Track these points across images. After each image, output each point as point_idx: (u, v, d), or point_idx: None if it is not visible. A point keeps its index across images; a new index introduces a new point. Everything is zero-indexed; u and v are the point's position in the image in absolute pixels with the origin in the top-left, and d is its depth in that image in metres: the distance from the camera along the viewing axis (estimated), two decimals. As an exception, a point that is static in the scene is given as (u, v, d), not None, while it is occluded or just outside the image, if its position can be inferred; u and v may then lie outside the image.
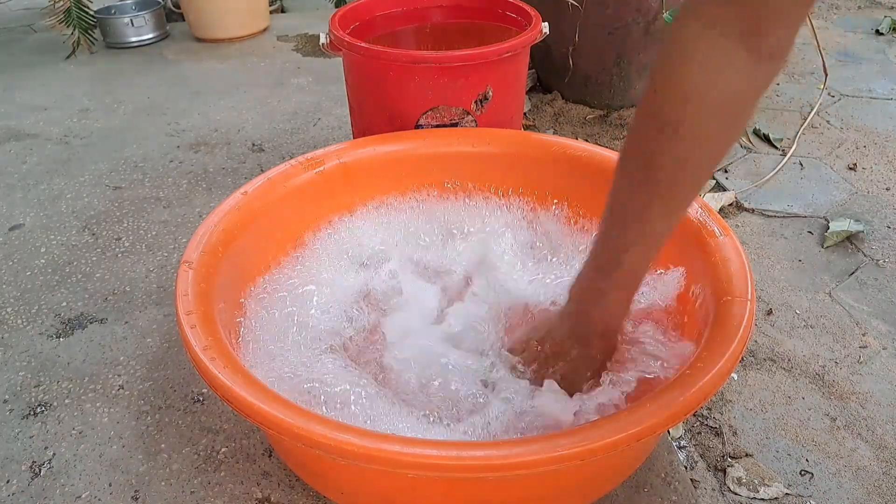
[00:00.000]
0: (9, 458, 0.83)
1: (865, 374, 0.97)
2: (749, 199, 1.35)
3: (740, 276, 0.74)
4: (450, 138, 1.05)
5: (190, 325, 0.69)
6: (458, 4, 1.29)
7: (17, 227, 1.26)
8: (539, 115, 1.68)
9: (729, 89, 0.55)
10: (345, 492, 0.73)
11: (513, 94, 1.18)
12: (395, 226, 1.01)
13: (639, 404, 0.61)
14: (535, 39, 1.13)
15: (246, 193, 0.90)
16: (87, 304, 1.07)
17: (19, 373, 0.95)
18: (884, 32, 2.12)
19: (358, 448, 0.57)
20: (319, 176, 0.97)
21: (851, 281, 1.14)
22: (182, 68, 1.97)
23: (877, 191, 1.37)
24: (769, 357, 1.00)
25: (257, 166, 1.44)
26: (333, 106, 1.70)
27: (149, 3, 2.16)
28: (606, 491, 0.76)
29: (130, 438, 0.85)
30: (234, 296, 0.83)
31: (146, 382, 0.92)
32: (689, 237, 0.85)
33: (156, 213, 1.29)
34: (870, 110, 1.67)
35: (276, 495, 0.77)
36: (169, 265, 1.15)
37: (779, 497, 0.80)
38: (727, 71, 0.54)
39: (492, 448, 0.59)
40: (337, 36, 1.12)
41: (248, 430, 0.85)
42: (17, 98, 1.79)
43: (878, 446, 0.87)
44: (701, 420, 0.90)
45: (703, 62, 0.55)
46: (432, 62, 1.06)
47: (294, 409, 0.61)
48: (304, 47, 2.09)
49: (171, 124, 1.63)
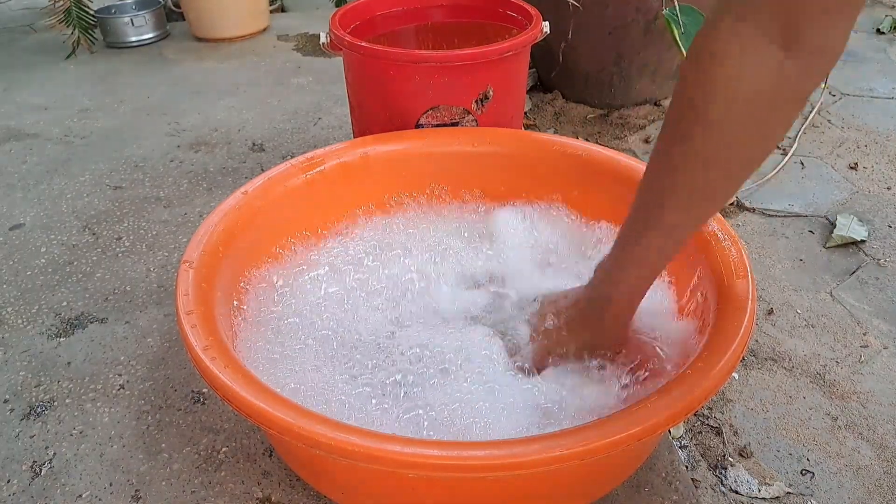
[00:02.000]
0: (9, 457, 0.83)
1: (866, 374, 0.97)
2: (750, 199, 1.35)
3: (741, 275, 0.74)
4: (450, 138, 1.05)
5: (190, 325, 0.69)
6: (459, 4, 1.29)
7: (17, 227, 1.26)
8: (540, 115, 1.68)
9: (759, 85, 0.54)
10: (345, 492, 0.73)
11: (513, 94, 1.18)
12: (396, 225, 1.00)
13: (639, 404, 0.61)
14: (536, 39, 1.13)
15: (246, 193, 0.90)
16: (87, 303, 1.07)
17: (20, 373, 0.95)
18: (885, 31, 2.11)
19: (358, 448, 0.56)
20: (320, 175, 0.97)
21: (852, 280, 1.14)
22: (182, 68, 1.97)
23: (878, 190, 1.36)
24: (770, 356, 1.00)
25: (257, 166, 1.44)
26: (334, 105, 1.70)
27: (149, 3, 2.16)
28: (607, 491, 0.76)
29: (131, 438, 0.85)
30: (234, 295, 0.83)
31: (147, 382, 0.92)
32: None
33: (156, 212, 1.29)
34: (871, 109, 1.67)
35: (277, 495, 0.77)
36: (169, 265, 1.15)
37: (780, 496, 0.80)
38: (758, 66, 0.53)
39: (492, 448, 0.59)
40: (337, 35, 1.12)
41: (249, 429, 0.85)
42: (17, 98, 1.79)
43: (879, 446, 0.87)
44: (702, 419, 0.90)
45: (734, 55, 0.53)
46: (433, 61, 1.06)
47: (295, 409, 0.61)
48: (304, 47, 2.09)
49: (171, 124, 1.63)
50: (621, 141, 1.58)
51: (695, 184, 0.61)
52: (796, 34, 0.51)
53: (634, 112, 1.68)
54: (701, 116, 0.56)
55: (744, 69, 0.53)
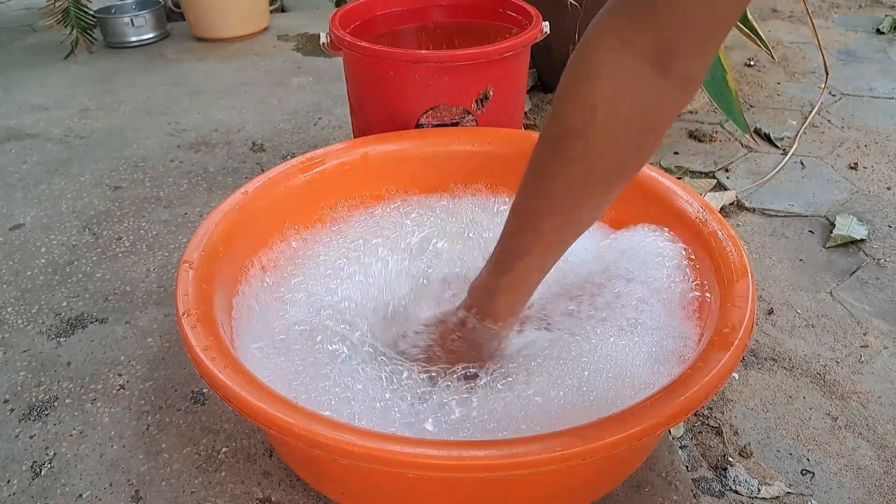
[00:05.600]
0: (9, 457, 0.83)
1: (866, 374, 0.97)
2: (750, 199, 1.34)
3: (741, 275, 0.74)
4: (450, 138, 1.05)
5: (190, 325, 0.69)
6: (459, 3, 1.29)
7: (17, 227, 1.26)
8: (540, 115, 1.68)
9: (636, 107, 0.56)
10: (345, 492, 0.73)
11: (513, 94, 1.18)
12: (395, 225, 1.00)
13: (640, 404, 0.61)
14: (536, 39, 1.13)
15: (246, 193, 0.90)
16: (87, 303, 1.07)
17: (20, 373, 0.95)
18: (884, 31, 2.11)
19: (358, 448, 0.57)
20: (320, 175, 0.97)
21: (852, 280, 1.14)
22: (182, 68, 1.97)
23: (878, 190, 1.36)
24: (770, 356, 1.00)
25: (257, 166, 1.44)
26: (334, 105, 1.70)
27: (149, 3, 2.16)
28: (607, 490, 0.76)
29: (131, 438, 0.85)
30: (234, 295, 0.83)
31: (147, 382, 0.92)
32: (690, 236, 0.85)
33: (156, 212, 1.29)
34: (871, 109, 1.67)
35: (277, 495, 0.77)
36: (169, 265, 1.15)
37: (780, 496, 0.80)
38: (636, 89, 0.55)
39: (492, 448, 0.59)
40: (337, 35, 1.12)
41: (249, 429, 0.85)
42: (17, 98, 1.79)
43: (880, 446, 0.87)
44: (702, 419, 0.90)
45: (613, 77, 0.55)
46: (433, 61, 1.06)
47: (295, 409, 0.61)
48: (304, 47, 2.09)
49: (171, 124, 1.63)
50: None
51: (573, 199, 0.62)
52: (671, 60, 0.54)
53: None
54: (581, 133, 0.58)
55: (624, 90, 0.56)
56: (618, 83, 0.55)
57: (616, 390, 0.71)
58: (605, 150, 0.59)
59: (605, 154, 0.59)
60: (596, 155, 0.59)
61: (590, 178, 0.61)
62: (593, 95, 0.57)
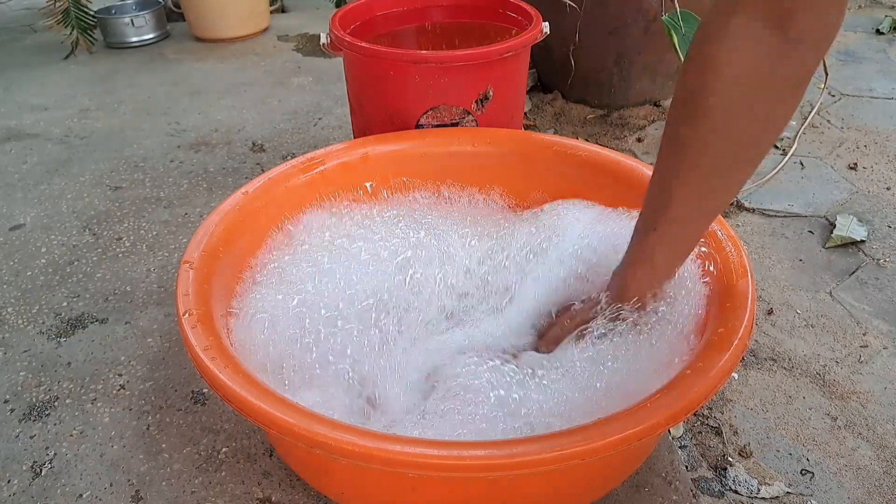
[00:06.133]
0: (10, 458, 0.83)
1: (866, 374, 0.97)
2: (750, 199, 1.35)
3: (741, 275, 0.74)
4: (450, 138, 1.05)
5: (191, 325, 0.69)
6: (459, 4, 1.29)
7: (17, 227, 1.26)
8: (540, 115, 1.68)
9: (755, 69, 0.57)
10: (346, 491, 0.73)
11: (513, 94, 1.18)
12: (396, 225, 1.00)
13: (640, 404, 0.61)
14: (536, 39, 1.13)
15: (247, 193, 0.90)
16: (87, 303, 1.07)
17: (20, 373, 0.95)
18: (884, 32, 2.11)
19: (359, 448, 0.57)
20: (320, 175, 0.97)
21: (852, 280, 1.14)
22: (182, 68, 1.97)
23: (877, 190, 1.36)
24: (770, 356, 1.00)
25: (258, 166, 1.44)
26: (334, 105, 1.70)
27: (149, 3, 2.17)
28: (607, 490, 0.76)
29: (131, 438, 0.85)
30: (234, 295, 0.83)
31: (147, 382, 0.92)
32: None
33: (156, 212, 1.29)
34: (870, 109, 1.67)
35: (277, 495, 0.77)
36: (170, 265, 1.15)
37: (779, 496, 0.80)
38: (753, 50, 0.56)
39: (492, 448, 0.59)
40: (337, 35, 1.12)
41: (249, 429, 0.85)
42: (17, 98, 1.80)
43: (879, 446, 0.87)
44: (702, 419, 0.90)
45: (730, 38, 0.56)
46: (433, 62, 1.06)
47: (295, 409, 0.61)
48: (304, 47, 2.09)
49: (171, 124, 1.63)
50: (621, 141, 1.58)
51: (701, 169, 0.63)
52: (791, 18, 0.54)
53: (634, 112, 1.68)
54: (701, 99, 0.59)
55: (740, 52, 0.56)
56: (732, 45, 0.56)
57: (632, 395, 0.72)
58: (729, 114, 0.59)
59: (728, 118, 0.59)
60: (721, 120, 0.59)
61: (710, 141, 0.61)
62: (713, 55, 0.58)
